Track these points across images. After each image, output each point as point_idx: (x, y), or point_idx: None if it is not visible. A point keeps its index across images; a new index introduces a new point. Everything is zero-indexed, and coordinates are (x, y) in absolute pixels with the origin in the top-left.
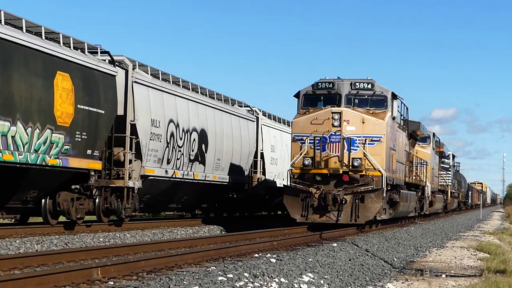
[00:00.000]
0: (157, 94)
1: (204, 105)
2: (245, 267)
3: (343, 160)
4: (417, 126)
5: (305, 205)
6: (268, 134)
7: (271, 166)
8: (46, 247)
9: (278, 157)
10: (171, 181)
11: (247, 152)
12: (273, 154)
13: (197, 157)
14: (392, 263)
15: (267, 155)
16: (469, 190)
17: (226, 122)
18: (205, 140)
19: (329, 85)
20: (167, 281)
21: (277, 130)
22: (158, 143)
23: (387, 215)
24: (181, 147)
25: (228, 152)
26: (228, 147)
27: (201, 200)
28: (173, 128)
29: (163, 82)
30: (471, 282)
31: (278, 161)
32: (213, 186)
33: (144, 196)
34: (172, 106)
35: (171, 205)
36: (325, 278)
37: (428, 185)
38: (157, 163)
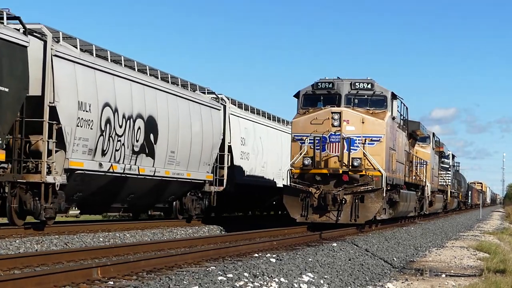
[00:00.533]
0: (88, 72)
1: (153, 89)
2: (245, 267)
3: (343, 160)
4: (416, 126)
5: (305, 205)
6: (237, 125)
7: (241, 161)
8: (46, 247)
9: (250, 151)
10: (109, 176)
11: (210, 144)
12: (243, 147)
13: (144, 148)
14: (392, 263)
15: (236, 149)
16: (468, 190)
17: (183, 109)
18: (155, 129)
19: (329, 85)
20: (167, 281)
21: (249, 121)
22: (88, 131)
23: (387, 215)
24: (121, 136)
25: (186, 144)
26: (185, 138)
27: (154, 200)
28: (109, 113)
29: (98, 59)
30: (471, 282)
31: (250, 156)
32: (168, 183)
33: (75, 194)
34: (109, 88)
35: (114, 205)
36: (325, 278)
37: (428, 185)
38: (87, 155)
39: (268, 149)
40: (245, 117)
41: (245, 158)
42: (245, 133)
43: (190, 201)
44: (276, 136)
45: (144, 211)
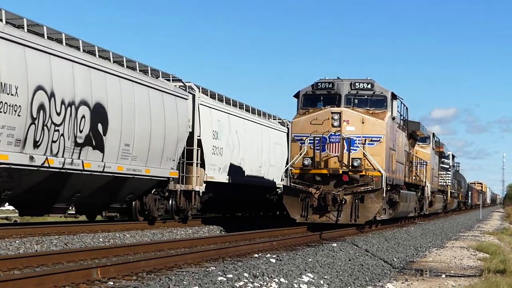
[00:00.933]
0: (13, 49)
1: (102, 72)
2: (244, 267)
3: (343, 160)
4: (416, 126)
5: (304, 205)
6: (209, 117)
7: (213, 157)
8: (46, 247)
9: (224, 145)
10: (45, 172)
11: (175, 137)
12: (216, 142)
13: (89, 140)
14: (392, 263)
15: (207, 143)
16: (468, 190)
17: (141, 97)
18: (104, 119)
19: (329, 85)
20: (167, 281)
21: (223, 113)
22: (14, 118)
23: (387, 215)
24: (59, 125)
25: (144, 137)
26: (143, 129)
27: (109, 199)
28: (43, 98)
29: (30, 35)
30: (470, 282)
31: (224, 151)
32: (123, 181)
33: (2, 193)
34: (44, 69)
35: (58, 205)
36: (325, 278)
37: (428, 185)
38: (14, 146)
39: (246, 144)
40: (218, 108)
41: (218, 154)
42: (218, 126)
43: (152, 201)
44: (256, 131)
45: (97, 212)
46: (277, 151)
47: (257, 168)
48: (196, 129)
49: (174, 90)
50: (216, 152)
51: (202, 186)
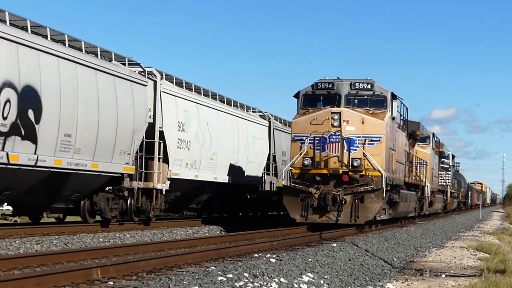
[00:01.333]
0: None
1: (34, 50)
2: (245, 267)
3: (343, 160)
4: (416, 126)
5: (304, 205)
6: (173, 106)
7: (179, 151)
8: (46, 247)
9: (193, 139)
10: None
11: (130, 128)
12: (182, 134)
13: (17, 129)
14: (392, 263)
15: (171, 136)
16: (468, 190)
17: (86, 81)
18: (36, 104)
19: (329, 85)
20: (167, 281)
21: (190, 102)
22: None
23: (387, 215)
24: None
25: (90, 126)
26: (88, 118)
27: (49, 198)
28: None
29: None
30: (470, 282)
31: (193, 145)
32: (65, 177)
33: None
34: None
35: None
36: (325, 278)
37: (428, 185)
38: None
39: (220, 138)
40: (185, 97)
41: (184, 148)
42: (185, 117)
43: (104, 200)
44: (231, 123)
45: (36, 213)
46: (257, 146)
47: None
48: (158, 119)
49: (129, 75)
50: (183, 145)
51: (165, 184)
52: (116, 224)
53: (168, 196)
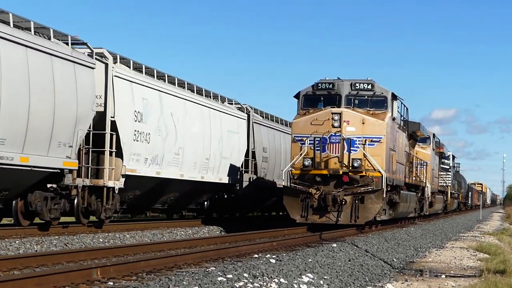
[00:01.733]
0: None
1: None
2: (244, 267)
3: (343, 161)
4: (417, 126)
5: (305, 206)
6: (129, 93)
7: (135, 145)
8: (46, 247)
9: (153, 131)
10: None
11: (73, 116)
12: (140, 125)
13: None
14: (392, 264)
15: (126, 126)
16: (469, 190)
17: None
18: None
19: (329, 86)
20: (167, 282)
21: (151, 90)
22: None
23: (387, 216)
24: None
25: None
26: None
27: None
28: None
29: None
30: (470, 283)
31: (153, 138)
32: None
33: None
34: None
35: None
36: (325, 278)
37: (428, 185)
38: None
39: (188, 131)
40: (144, 84)
41: (142, 141)
42: (144, 106)
43: (41, 199)
44: (202, 115)
45: None
46: (233, 141)
47: (203, 161)
48: (109, 107)
49: (71, 55)
50: (141, 138)
51: (119, 182)
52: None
53: (125, 196)
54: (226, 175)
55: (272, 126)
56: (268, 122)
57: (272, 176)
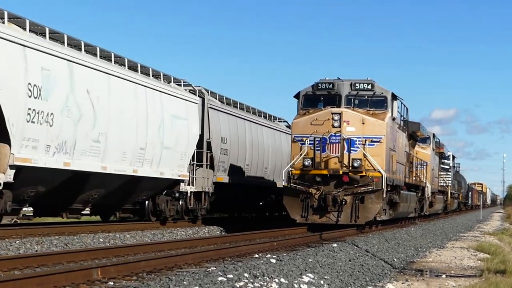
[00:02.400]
0: None
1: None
2: (245, 267)
3: (343, 161)
4: (417, 127)
5: (305, 206)
6: (21, 61)
7: (30, 127)
8: (46, 247)
9: (58, 110)
10: None
11: None
12: (36, 102)
13: None
14: (392, 264)
15: (15, 103)
16: (469, 190)
17: None
18: None
19: (329, 86)
20: (167, 282)
21: (57, 59)
22: None
23: (387, 216)
24: None
25: None
26: None
27: None
28: None
29: None
30: (471, 283)
31: (58, 120)
32: None
33: None
34: None
35: None
36: (325, 278)
37: (428, 185)
38: None
39: (113, 114)
40: (44, 50)
41: (41, 122)
42: (43, 78)
43: None
44: (135, 95)
45: None
46: (179, 128)
47: (136, 151)
48: None
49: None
50: (38, 119)
51: (4, 175)
52: None
53: (22, 194)
54: (169, 169)
55: (236, 113)
56: (229, 108)
57: (234, 173)
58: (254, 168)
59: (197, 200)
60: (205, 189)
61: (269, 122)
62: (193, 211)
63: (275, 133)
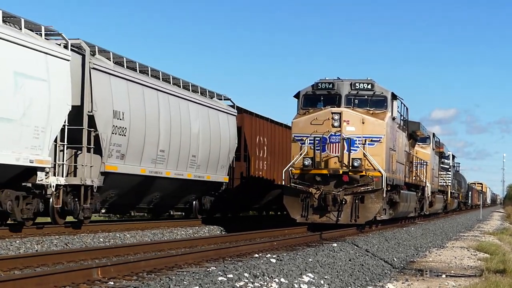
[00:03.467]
0: None
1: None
2: (245, 267)
3: (343, 161)
4: (417, 126)
5: (305, 206)
6: None
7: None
8: (46, 247)
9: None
10: None
11: None
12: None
13: None
14: (392, 263)
15: None
16: (469, 190)
17: None
18: None
19: (329, 86)
20: (167, 281)
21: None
22: None
23: (387, 216)
24: None
25: None
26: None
27: None
28: None
29: None
30: (471, 282)
31: None
32: None
33: None
34: None
35: None
36: (325, 278)
37: (428, 185)
38: None
39: None
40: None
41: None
42: None
43: None
44: None
45: None
46: (29, 91)
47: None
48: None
49: None
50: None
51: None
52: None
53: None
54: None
55: (142, 81)
56: (132, 74)
57: (139, 161)
58: (174, 156)
59: (75, 197)
60: (85, 182)
61: (201, 97)
62: (71, 212)
63: (210, 112)
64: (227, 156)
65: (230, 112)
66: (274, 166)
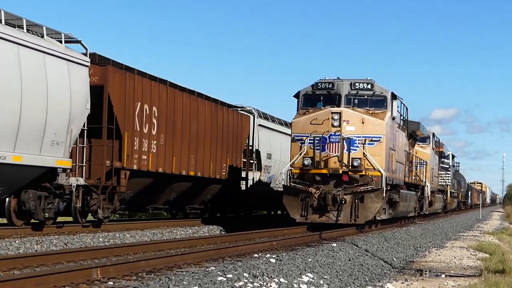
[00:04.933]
0: None
1: None
2: (244, 267)
3: (343, 160)
4: (416, 126)
5: (304, 205)
6: None
7: None
8: (46, 247)
9: None
10: None
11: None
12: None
13: None
14: (392, 263)
15: None
16: (468, 190)
17: None
18: None
19: (329, 85)
20: (167, 281)
21: None
22: None
23: (387, 215)
24: None
25: None
26: None
27: None
28: None
29: None
30: (470, 282)
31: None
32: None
33: None
34: None
35: None
36: (325, 278)
37: (428, 185)
38: None
39: None
40: None
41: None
42: None
43: None
44: None
45: None
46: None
47: None
48: None
49: None
50: None
51: None
52: None
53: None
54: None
55: None
56: None
57: None
58: None
59: None
60: None
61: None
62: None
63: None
64: (66, 128)
65: (74, 59)
66: (175, 147)
